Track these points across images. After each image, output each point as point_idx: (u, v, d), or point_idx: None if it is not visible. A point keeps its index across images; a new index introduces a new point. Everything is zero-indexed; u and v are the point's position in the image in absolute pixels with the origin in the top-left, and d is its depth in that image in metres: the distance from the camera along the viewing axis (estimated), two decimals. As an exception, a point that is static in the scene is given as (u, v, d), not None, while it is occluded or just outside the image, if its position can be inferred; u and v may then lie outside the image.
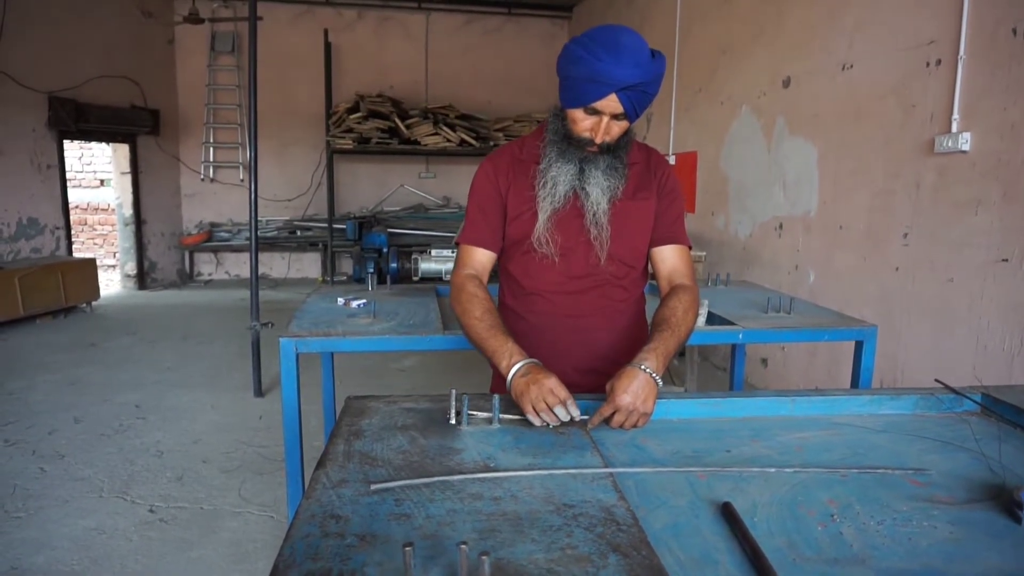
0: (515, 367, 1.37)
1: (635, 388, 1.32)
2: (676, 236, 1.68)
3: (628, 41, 1.42)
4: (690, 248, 1.71)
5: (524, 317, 1.69)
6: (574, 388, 1.45)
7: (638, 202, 1.62)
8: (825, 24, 3.92)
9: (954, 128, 2.98)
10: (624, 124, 1.52)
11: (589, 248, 1.60)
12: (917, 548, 0.93)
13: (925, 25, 3.17)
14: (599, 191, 1.55)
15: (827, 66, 3.89)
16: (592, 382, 1.60)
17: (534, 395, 1.30)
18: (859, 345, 2.32)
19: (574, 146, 1.54)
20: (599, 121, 1.48)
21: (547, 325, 1.66)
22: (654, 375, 1.36)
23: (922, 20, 3.19)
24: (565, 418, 1.29)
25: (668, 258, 1.68)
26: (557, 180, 1.55)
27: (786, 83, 4.30)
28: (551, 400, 1.29)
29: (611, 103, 1.44)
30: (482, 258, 1.65)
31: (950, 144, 2.99)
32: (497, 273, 1.76)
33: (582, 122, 1.50)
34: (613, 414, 1.32)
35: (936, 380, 1.55)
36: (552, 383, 1.31)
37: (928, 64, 3.15)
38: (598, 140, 1.50)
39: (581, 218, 1.58)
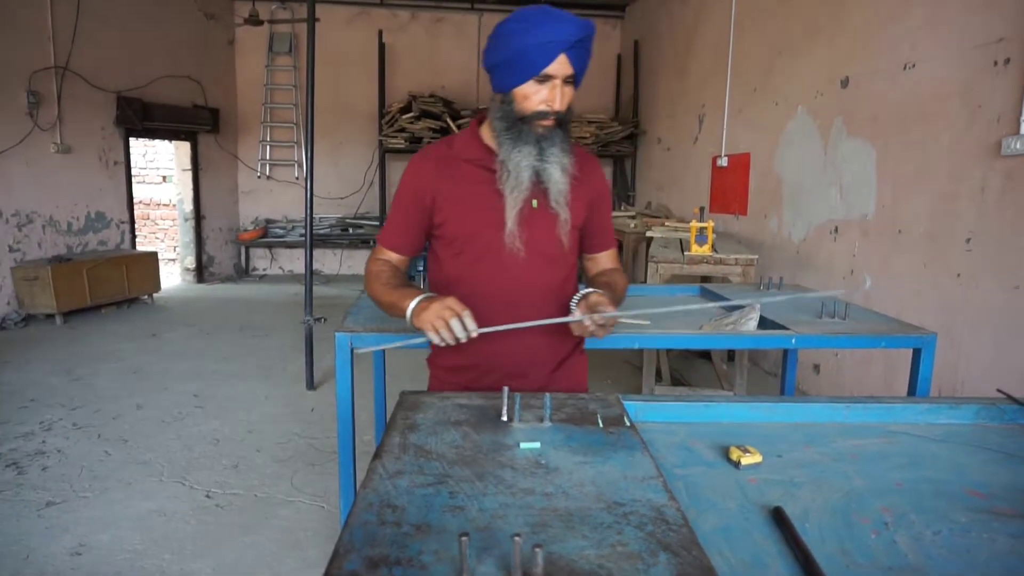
0: (413, 303, 1.42)
1: (591, 297, 1.44)
2: (611, 241, 1.74)
3: (554, 9, 1.44)
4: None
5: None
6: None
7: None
8: (886, 23, 3.81)
9: (1023, 130, 2.87)
10: (571, 93, 1.49)
11: (545, 234, 1.55)
12: (976, 560, 0.91)
13: (993, 22, 3.06)
14: (559, 170, 1.50)
15: (888, 66, 3.79)
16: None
17: (433, 313, 1.35)
18: (917, 353, 2.25)
19: (529, 125, 1.47)
20: (553, 87, 1.45)
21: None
22: (599, 291, 1.47)
23: (990, 17, 3.08)
24: (461, 333, 1.34)
25: (603, 260, 1.74)
26: (520, 165, 1.47)
27: (844, 83, 4.20)
28: (447, 315, 1.34)
29: (562, 65, 1.44)
30: (394, 259, 1.64)
31: (1018, 146, 2.88)
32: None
33: (535, 95, 1.45)
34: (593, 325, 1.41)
35: (998, 390, 1.51)
36: (450, 300, 1.36)
37: (996, 63, 3.04)
38: (557, 107, 1.45)
39: (538, 201, 1.53)
